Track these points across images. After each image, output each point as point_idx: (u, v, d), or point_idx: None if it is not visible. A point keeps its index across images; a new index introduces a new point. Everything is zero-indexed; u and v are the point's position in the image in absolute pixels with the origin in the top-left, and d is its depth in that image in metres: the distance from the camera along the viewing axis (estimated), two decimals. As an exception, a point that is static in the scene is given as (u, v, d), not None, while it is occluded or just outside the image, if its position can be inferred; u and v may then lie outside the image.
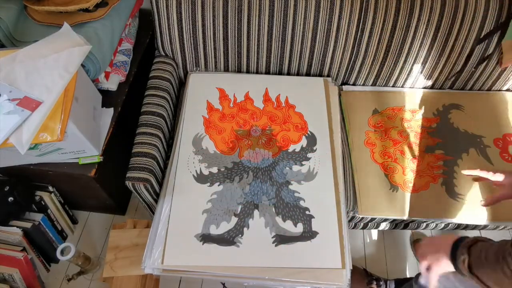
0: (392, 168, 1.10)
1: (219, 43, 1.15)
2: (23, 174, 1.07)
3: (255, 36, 1.13)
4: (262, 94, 1.19)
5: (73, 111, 0.86)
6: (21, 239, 1.11)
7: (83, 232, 1.37)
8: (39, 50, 0.91)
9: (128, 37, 1.22)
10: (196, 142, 1.07)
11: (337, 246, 0.91)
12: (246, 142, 1.09)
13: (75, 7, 1.00)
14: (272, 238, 0.92)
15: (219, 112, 1.14)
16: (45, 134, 0.82)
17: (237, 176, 1.02)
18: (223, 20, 1.09)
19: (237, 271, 0.87)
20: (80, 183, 1.08)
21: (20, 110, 0.81)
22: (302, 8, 1.07)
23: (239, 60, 1.21)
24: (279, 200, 0.98)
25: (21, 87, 0.85)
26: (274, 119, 1.14)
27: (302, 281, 0.87)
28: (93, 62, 0.99)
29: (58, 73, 0.87)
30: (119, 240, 1.09)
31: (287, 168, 1.04)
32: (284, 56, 1.19)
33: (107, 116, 1.09)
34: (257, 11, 1.08)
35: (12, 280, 1.08)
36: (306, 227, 0.94)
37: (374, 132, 1.17)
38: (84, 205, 1.37)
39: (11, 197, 1.06)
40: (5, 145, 0.80)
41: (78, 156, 1.01)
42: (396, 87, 1.30)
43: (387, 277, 1.29)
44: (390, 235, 1.41)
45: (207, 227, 0.93)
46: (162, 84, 1.15)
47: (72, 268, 1.27)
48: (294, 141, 1.10)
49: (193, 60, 1.21)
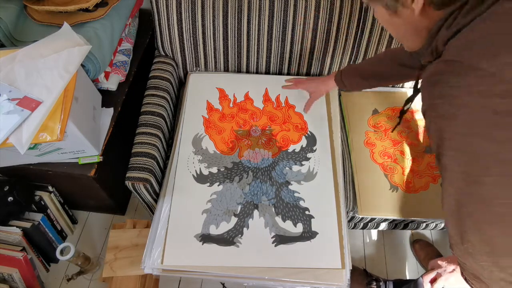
0: (392, 168, 1.10)
1: (219, 43, 1.15)
2: (23, 174, 1.07)
3: (255, 36, 1.13)
4: (262, 94, 1.19)
5: (73, 111, 0.86)
6: (20, 239, 1.11)
7: (83, 232, 1.37)
8: (39, 50, 0.91)
9: (128, 37, 1.22)
10: (196, 142, 1.07)
11: (337, 246, 0.91)
12: (246, 142, 1.09)
13: (75, 7, 1.00)
14: (271, 238, 0.92)
15: (219, 112, 1.14)
16: (44, 134, 0.82)
17: (237, 176, 1.02)
18: (223, 20, 1.09)
19: (237, 271, 0.87)
20: (80, 183, 1.08)
21: (19, 110, 0.81)
22: (302, 8, 1.07)
23: (239, 60, 1.21)
24: (279, 200, 0.98)
25: (20, 87, 0.85)
26: (274, 119, 1.14)
27: (301, 281, 0.87)
28: (93, 62, 0.99)
29: (58, 73, 0.87)
30: (119, 240, 1.09)
31: (287, 168, 1.04)
32: (284, 56, 1.19)
33: (107, 116, 1.09)
34: (257, 11, 1.08)
35: (11, 280, 1.08)
36: (306, 227, 0.94)
37: (374, 132, 1.17)
38: (84, 205, 1.37)
39: (11, 197, 1.06)
40: (4, 145, 0.80)
41: (78, 156, 1.01)
42: (396, 87, 1.30)
43: (387, 277, 1.29)
44: (390, 235, 1.41)
45: (206, 227, 0.93)
46: (162, 84, 1.15)
47: (72, 268, 1.27)
48: (294, 141, 1.10)
49: (193, 60, 1.21)
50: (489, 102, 0.41)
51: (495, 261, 0.51)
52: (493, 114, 0.41)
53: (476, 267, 0.54)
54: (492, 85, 0.41)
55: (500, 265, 0.52)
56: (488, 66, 0.41)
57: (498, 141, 0.42)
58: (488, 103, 0.41)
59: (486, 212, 0.47)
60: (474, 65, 0.42)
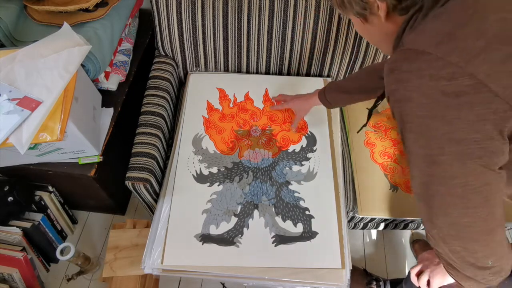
0: (392, 168, 1.10)
1: (219, 43, 1.15)
2: (23, 174, 1.07)
3: (255, 36, 1.13)
4: (262, 94, 1.19)
5: (73, 111, 0.86)
6: (20, 239, 1.11)
7: (83, 232, 1.37)
8: (39, 50, 0.91)
9: (128, 37, 1.22)
10: (196, 142, 1.07)
11: (337, 246, 0.91)
12: (246, 142, 1.09)
13: (75, 7, 1.00)
14: (271, 238, 0.92)
15: (219, 112, 1.14)
16: (44, 134, 0.82)
17: (237, 176, 1.02)
18: (223, 20, 1.09)
19: (237, 271, 0.87)
20: (80, 183, 1.08)
21: (20, 110, 0.81)
22: (302, 8, 1.07)
23: (239, 60, 1.21)
24: (279, 200, 0.98)
25: (20, 87, 0.85)
26: (274, 119, 1.14)
27: (301, 281, 0.87)
28: (93, 62, 0.99)
29: (58, 73, 0.87)
30: (119, 240, 1.09)
31: (287, 168, 1.04)
32: (284, 56, 1.19)
33: (107, 116, 1.09)
34: (257, 11, 1.08)
35: (11, 280, 1.08)
36: (306, 227, 0.94)
37: (374, 132, 1.17)
38: (84, 205, 1.37)
39: (11, 197, 1.06)
40: (5, 145, 0.80)
41: (78, 156, 1.01)
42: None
43: (387, 277, 1.29)
44: (390, 235, 1.41)
45: (206, 227, 0.93)
46: (162, 84, 1.15)
47: (72, 268, 1.27)
48: (294, 141, 1.10)
49: (193, 60, 1.21)
50: (437, 84, 0.44)
51: (463, 245, 0.53)
52: (442, 95, 0.44)
53: (448, 253, 0.55)
54: (439, 69, 0.43)
55: (469, 249, 0.53)
56: (435, 51, 0.44)
57: (448, 121, 0.44)
58: (437, 85, 0.44)
59: (447, 194, 0.49)
60: (423, 51, 0.45)
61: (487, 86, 0.41)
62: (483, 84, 0.41)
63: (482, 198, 0.48)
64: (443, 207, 0.51)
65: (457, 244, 0.53)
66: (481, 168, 0.46)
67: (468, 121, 0.43)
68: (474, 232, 0.51)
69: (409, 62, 0.46)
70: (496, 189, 0.49)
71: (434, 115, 0.45)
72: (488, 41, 0.43)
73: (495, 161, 0.46)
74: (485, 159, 0.46)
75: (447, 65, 0.43)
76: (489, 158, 0.46)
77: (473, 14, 0.45)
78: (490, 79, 0.41)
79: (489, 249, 0.52)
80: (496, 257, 0.53)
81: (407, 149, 0.52)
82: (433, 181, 0.50)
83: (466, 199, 0.48)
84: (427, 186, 0.51)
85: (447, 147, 0.46)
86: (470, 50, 0.43)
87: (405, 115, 0.48)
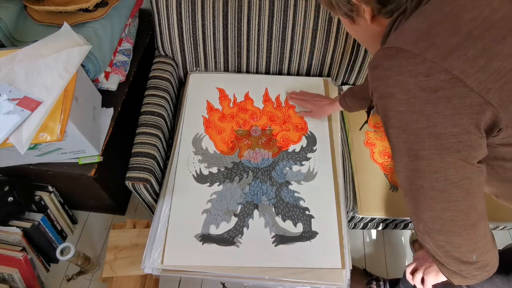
0: (392, 168, 1.10)
1: (219, 43, 1.15)
2: (23, 174, 1.07)
3: (255, 36, 1.13)
4: (262, 94, 1.19)
5: (73, 111, 0.86)
6: (20, 239, 1.11)
7: (83, 232, 1.37)
8: (38, 50, 0.91)
9: (128, 37, 1.22)
10: (196, 142, 1.07)
11: (337, 246, 0.91)
12: (246, 142, 1.09)
13: (75, 7, 1.00)
14: (272, 238, 0.92)
15: (219, 112, 1.14)
16: (44, 134, 0.82)
17: (237, 176, 1.02)
18: (223, 20, 1.09)
19: (237, 271, 0.87)
20: (80, 183, 1.08)
21: (19, 110, 0.81)
22: (302, 8, 1.07)
23: (239, 60, 1.21)
24: (279, 200, 0.98)
25: (20, 87, 0.85)
26: (274, 119, 1.14)
27: (301, 281, 0.87)
28: (93, 62, 0.99)
29: (58, 73, 0.87)
30: (119, 240, 1.09)
31: (287, 168, 1.04)
32: (284, 56, 1.19)
33: (107, 116, 1.09)
34: (257, 11, 1.08)
35: (11, 280, 1.08)
36: (306, 227, 0.94)
37: (374, 132, 1.17)
38: (84, 205, 1.37)
39: (11, 197, 1.06)
40: (4, 145, 0.80)
41: (78, 156, 1.01)
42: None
43: (387, 277, 1.29)
44: (390, 235, 1.41)
45: (207, 227, 0.93)
46: (162, 84, 1.15)
47: (72, 268, 1.27)
48: (294, 141, 1.10)
49: (193, 60, 1.21)
50: (416, 80, 0.45)
51: (447, 240, 0.53)
52: (420, 90, 0.45)
53: (435, 248, 0.56)
54: (417, 65, 0.45)
55: (453, 243, 0.53)
56: (413, 49, 0.45)
57: (427, 116, 0.46)
58: (415, 81, 0.45)
59: (430, 188, 0.50)
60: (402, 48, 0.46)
61: (462, 81, 0.43)
62: (458, 79, 0.43)
63: (463, 192, 0.49)
64: (426, 201, 0.52)
65: (442, 239, 0.54)
66: (460, 162, 0.47)
67: (445, 115, 0.45)
68: (456, 226, 0.52)
69: (390, 59, 0.47)
70: (476, 183, 0.50)
71: (414, 110, 0.46)
72: (462, 38, 0.44)
73: (473, 155, 0.47)
74: (464, 153, 0.47)
75: (424, 61, 0.44)
76: (467, 152, 0.47)
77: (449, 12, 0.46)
78: (464, 75, 0.43)
79: (473, 243, 0.53)
80: (480, 252, 0.54)
81: (391, 145, 0.53)
82: (416, 176, 0.51)
83: (447, 193, 0.49)
84: (411, 180, 0.52)
85: (427, 142, 0.47)
86: (445, 47, 0.44)
87: (387, 111, 0.49)
